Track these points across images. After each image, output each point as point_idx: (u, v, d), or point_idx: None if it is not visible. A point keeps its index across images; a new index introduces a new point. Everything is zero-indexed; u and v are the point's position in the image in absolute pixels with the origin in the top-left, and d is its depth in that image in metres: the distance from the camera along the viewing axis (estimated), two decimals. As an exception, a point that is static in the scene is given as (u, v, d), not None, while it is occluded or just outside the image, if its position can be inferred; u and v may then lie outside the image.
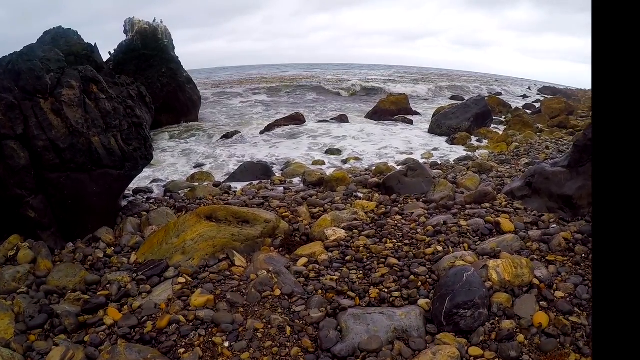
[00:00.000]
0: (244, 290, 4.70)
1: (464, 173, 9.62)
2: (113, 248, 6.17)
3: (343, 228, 6.10)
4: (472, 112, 17.22)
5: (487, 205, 6.89)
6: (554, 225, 6.02)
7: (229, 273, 5.09)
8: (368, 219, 6.56)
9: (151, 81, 18.54)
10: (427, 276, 4.80)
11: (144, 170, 11.30)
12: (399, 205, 7.28)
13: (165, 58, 19.92)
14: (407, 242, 5.66)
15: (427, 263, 5.07)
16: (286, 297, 4.54)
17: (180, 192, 8.95)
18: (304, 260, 5.28)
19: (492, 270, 4.51)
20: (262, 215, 6.09)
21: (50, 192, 6.15)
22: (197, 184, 9.69)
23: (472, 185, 8.24)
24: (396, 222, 6.39)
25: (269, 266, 5.05)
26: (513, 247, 5.31)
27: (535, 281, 4.53)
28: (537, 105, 28.03)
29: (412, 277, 4.78)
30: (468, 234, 5.81)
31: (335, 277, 4.84)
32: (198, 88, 23.04)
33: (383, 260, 5.18)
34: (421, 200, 7.50)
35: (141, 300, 4.61)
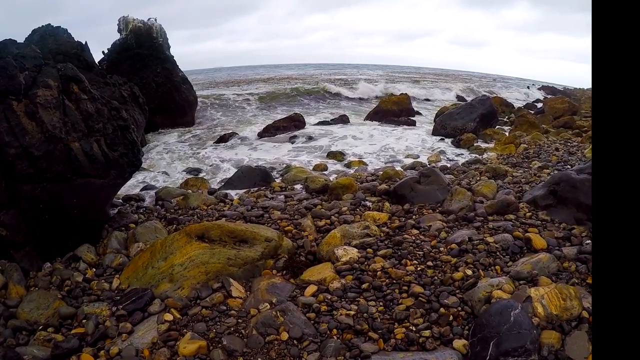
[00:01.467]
0: (243, 332, 3.95)
1: (478, 178, 8.99)
2: (94, 269, 5.45)
3: (355, 246, 5.38)
4: (477, 113, 16.67)
5: (512, 216, 6.23)
6: (588, 241, 5.37)
7: (224, 307, 4.34)
8: (382, 234, 5.85)
9: (146, 81, 17.95)
10: (459, 308, 4.08)
11: (137, 175, 10.77)
12: (414, 217, 6.60)
13: (160, 57, 19.29)
14: (430, 263, 4.93)
15: (458, 291, 4.34)
16: (295, 341, 3.78)
17: (172, 200, 8.22)
18: (312, 288, 4.54)
19: (537, 302, 3.83)
20: (262, 232, 5.37)
21: (24, 206, 5.44)
22: (190, 191, 8.99)
23: (489, 192, 7.57)
24: (414, 237, 5.68)
25: (272, 297, 4.35)
26: (550, 269, 4.67)
27: (585, 313, 3.85)
28: (539, 105, 27.61)
29: (442, 309, 4.06)
30: (497, 253, 5.11)
31: (352, 312, 4.09)
32: (195, 89, 22.48)
33: (406, 287, 4.44)
34: (437, 210, 6.82)
35: (121, 344, 3.87)
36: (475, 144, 14.32)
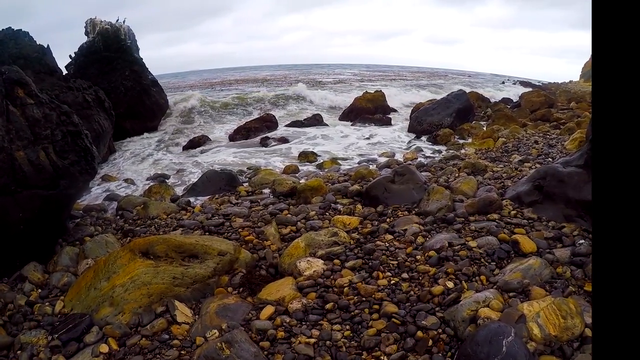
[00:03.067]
0: (184, 366, 3.36)
1: (456, 175, 8.55)
2: (40, 290, 4.88)
3: (321, 257, 4.79)
4: (453, 108, 16.32)
5: (495, 216, 5.70)
6: (582, 241, 4.84)
7: (167, 336, 3.73)
8: (352, 242, 5.26)
9: (114, 85, 17.25)
10: (440, 330, 3.51)
11: (102, 184, 10.23)
12: (388, 220, 6.02)
13: (128, 60, 18.55)
14: (405, 275, 4.34)
15: (437, 309, 3.76)
16: (241, 381, 3.15)
17: (133, 210, 7.65)
18: (269, 309, 3.93)
19: (532, 322, 3.26)
20: (215, 245, 4.75)
21: (-35, 223, 4.86)
22: (153, 199, 8.42)
23: (469, 189, 7.10)
24: (387, 244, 5.09)
25: (223, 322, 3.74)
26: (542, 277, 4.13)
27: (587, 331, 3.31)
28: (515, 99, 27.53)
29: (419, 333, 3.48)
30: (482, 259, 4.55)
31: (313, 340, 3.49)
32: (167, 92, 21.87)
33: (377, 306, 3.84)
34: (414, 212, 6.25)
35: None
36: (452, 140, 13.92)
